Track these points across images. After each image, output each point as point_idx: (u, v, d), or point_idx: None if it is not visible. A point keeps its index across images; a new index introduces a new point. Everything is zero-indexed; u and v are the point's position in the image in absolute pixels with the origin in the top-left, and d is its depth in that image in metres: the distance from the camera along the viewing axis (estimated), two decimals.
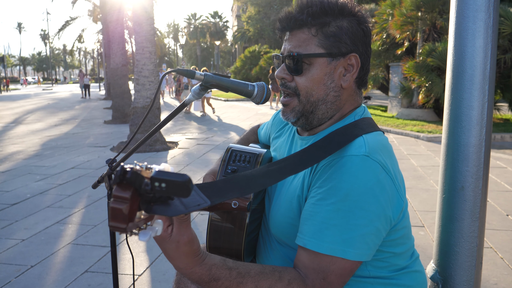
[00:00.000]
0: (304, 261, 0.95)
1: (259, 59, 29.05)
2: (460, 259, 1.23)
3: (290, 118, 1.11)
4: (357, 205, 0.92)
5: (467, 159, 1.17)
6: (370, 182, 0.94)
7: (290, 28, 1.08)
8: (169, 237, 0.82)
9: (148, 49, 7.56)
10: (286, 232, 1.08)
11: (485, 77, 1.13)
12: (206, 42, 73.05)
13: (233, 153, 1.19)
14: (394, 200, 0.99)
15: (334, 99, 1.09)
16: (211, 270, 0.88)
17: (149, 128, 7.86)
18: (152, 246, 3.46)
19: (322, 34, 1.04)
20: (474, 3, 1.10)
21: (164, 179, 0.56)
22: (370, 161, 0.95)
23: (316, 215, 0.95)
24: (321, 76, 1.06)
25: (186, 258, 0.85)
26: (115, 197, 0.58)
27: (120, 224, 0.60)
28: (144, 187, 0.59)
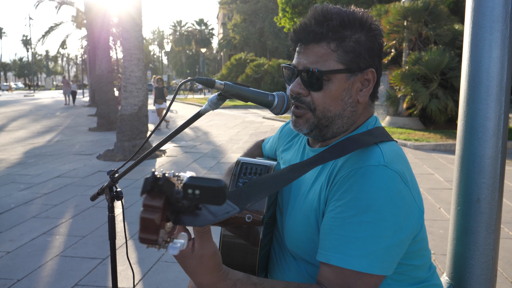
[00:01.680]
0: (329, 278, 0.91)
1: (245, 67, 29.12)
2: (475, 272, 1.20)
3: (303, 129, 1.07)
4: (380, 216, 0.89)
5: (483, 171, 1.16)
6: (391, 192, 0.91)
7: (307, 41, 1.03)
8: (191, 252, 0.79)
9: (136, 56, 7.47)
10: (303, 247, 1.04)
11: (502, 88, 1.12)
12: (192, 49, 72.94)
13: (243, 166, 1.15)
14: (414, 210, 0.96)
15: (350, 114, 1.06)
16: (235, 285, 0.85)
17: (137, 136, 7.75)
18: (144, 258, 3.38)
19: (342, 50, 1.01)
20: (491, 13, 1.09)
21: (199, 185, 0.52)
22: (389, 171, 0.92)
23: (338, 229, 0.92)
24: (339, 92, 1.03)
25: (210, 274, 0.82)
26: (146, 206, 0.54)
27: (151, 236, 0.54)
28: (175, 195, 0.55)
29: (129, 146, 7.66)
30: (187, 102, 27.65)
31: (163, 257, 3.39)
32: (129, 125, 7.66)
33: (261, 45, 63.67)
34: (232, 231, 1.10)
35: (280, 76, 26.41)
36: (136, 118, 7.68)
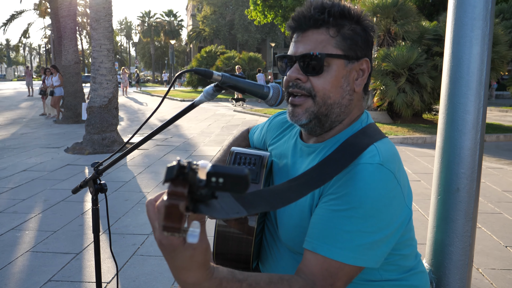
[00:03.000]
0: (312, 267, 0.94)
1: (216, 59, 28.88)
2: (454, 258, 1.27)
3: (302, 119, 1.07)
4: (370, 213, 0.93)
5: (463, 162, 1.21)
6: (383, 191, 0.94)
7: (307, 27, 1.05)
8: (183, 244, 0.71)
9: (105, 47, 7.28)
10: (297, 240, 1.07)
11: (481, 83, 1.17)
12: (160, 41, 71.65)
13: (237, 156, 1.16)
14: (403, 208, 1.00)
15: (348, 103, 1.09)
16: (221, 284, 0.81)
17: (107, 129, 7.58)
18: (119, 252, 3.33)
19: (340, 36, 1.04)
20: (473, 11, 1.14)
21: (222, 173, 0.52)
22: (384, 170, 0.96)
23: (328, 220, 0.95)
24: (339, 78, 1.05)
25: (198, 270, 0.75)
26: (171, 194, 0.53)
27: (175, 224, 0.54)
28: (198, 183, 0.55)
29: (99, 139, 7.48)
30: (156, 95, 27.20)
31: (138, 251, 3.35)
32: (98, 117, 7.47)
33: (231, 37, 63.27)
34: (227, 220, 1.11)
35: (250, 69, 26.36)
36: (106, 110, 7.51)
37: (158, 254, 3.29)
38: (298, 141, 1.20)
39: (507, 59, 10.78)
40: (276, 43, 62.52)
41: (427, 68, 10.60)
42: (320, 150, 1.10)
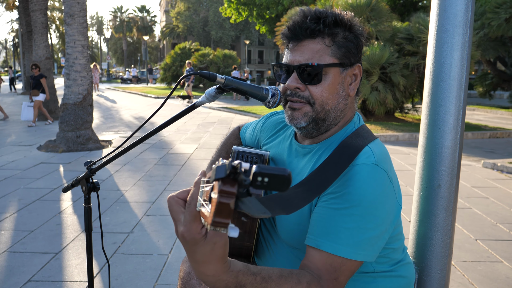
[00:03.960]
0: (316, 262, 0.99)
1: (190, 56, 28.63)
2: (435, 250, 1.35)
3: (301, 122, 1.13)
4: (368, 211, 1.00)
5: (444, 160, 1.29)
6: (379, 190, 1.01)
7: (302, 37, 1.09)
8: (203, 238, 0.76)
9: (80, 43, 7.14)
10: (297, 237, 1.12)
11: (461, 86, 1.25)
12: (133, 37, 70.41)
13: (239, 154, 1.20)
14: (395, 205, 1.08)
15: (343, 107, 1.15)
16: (238, 277, 0.85)
17: (81, 126, 7.44)
18: (100, 251, 3.30)
19: (335, 45, 1.09)
20: (454, 19, 1.21)
21: (268, 173, 0.55)
22: (379, 170, 1.03)
23: (330, 219, 1.01)
24: (335, 85, 1.11)
25: (216, 264, 0.79)
26: (222, 192, 0.56)
27: (224, 219, 0.58)
28: (243, 182, 0.58)
29: (73, 136, 7.34)
30: (129, 91, 26.77)
31: (119, 249, 3.34)
32: (72, 114, 7.33)
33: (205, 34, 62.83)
34: None
35: (225, 67, 26.31)
36: (81, 107, 7.37)
37: (140, 252, 3.28)
38: (293, 142, 1.25)
39: (475, 59, 11.19)
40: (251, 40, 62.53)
41: (399, 66, 10.88)
42: (316, 151, 1.16)
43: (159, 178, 5.57)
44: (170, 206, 0.78)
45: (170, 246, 3.43)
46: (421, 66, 10.75)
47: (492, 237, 3.78)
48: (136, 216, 4.11)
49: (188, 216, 0.73)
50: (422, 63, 10.56)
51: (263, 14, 28.35)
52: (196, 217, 0.73)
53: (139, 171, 5.95)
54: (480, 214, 4.39)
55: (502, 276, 3.06)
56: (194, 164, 6.54)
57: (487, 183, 5.76)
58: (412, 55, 11.13)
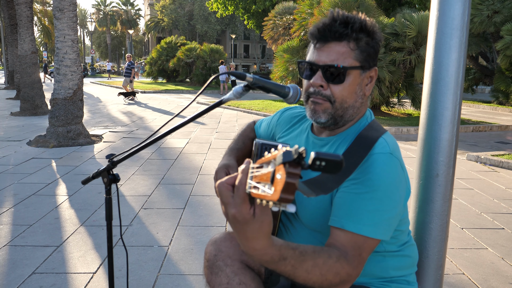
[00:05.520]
0: (342, 241, 1.11)
1: (176, 50, 28.48)
2: (433, 234, 1.48)
3: (321, 118, 1.24)
4: (385, 194, 1.12)
5: (442, 151, 1.42)
6: (395, 176, 1.14)
7: (330, 39, 1.20)
8: (252, 217, 0.85)
9: (70, 37, 7.10)
10: (318, 221, 1.23)
11: (458, 84, 1.38)
12: (117, 30, 69.47)
13: (262, 146, 1.29)
14: (406, 190, 1.21)
15: (359, 105, 1.27)
16: (280, 250, 0.95)
17: (72, 121, 7.43)
18: (100, 244, 3.38)
19: (359, 50, 1.20)
20: (452, 22, 1.33)
21: (325, 158, 0.64)
22: (393, 158, 1.16)
23: (352, 202, 1.13)
24: (354, 86, 1.23)
25: (264, 239, 0.89)
26: (290, 173, 0.65)
27: (289, 196, 0.66)
28: (304, 165, 0.66)
29: (64, 131, 7.32)
30: (115, 86, 26.54)
31: (120, 242, 3.41)
32: (63, 109, 7.30)
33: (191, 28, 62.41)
34: None
35: (212, 61, 26.23)
36: (71, 102, 7.35)
37: (140, 244, 3.36)
38: (310, 135, 1.36)
39: None
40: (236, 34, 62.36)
41: (386, 62, 11.07)
42: (333, 143, 1.27)
43: (153, 172, 5.63)
44: (220, 191, 0.87)
45: (170, 238, 3.51)
46: (407, 61, 10.95)
47: (477, 226, 3.97)
48: (133, 210, 4.18)
49: (238, 199, 0.83)
50: (408, 59, 10.76)
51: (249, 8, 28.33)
52: (245, 200, 0.83)
53: (132, 165, 6.00)
54: (465, 204, 4.59)
55: (487, 262, 3.24)
56: (187, 158, 6.61)
57: (471, 175, 5.98)
58: (398, 51, 11.34)
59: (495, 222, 4.09)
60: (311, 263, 1.01)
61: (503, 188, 5.38)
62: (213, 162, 6.32)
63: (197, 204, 4.40)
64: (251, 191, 0.78)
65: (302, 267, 0.99)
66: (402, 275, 1.28)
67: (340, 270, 1.04)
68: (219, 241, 1.32)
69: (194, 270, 2.95)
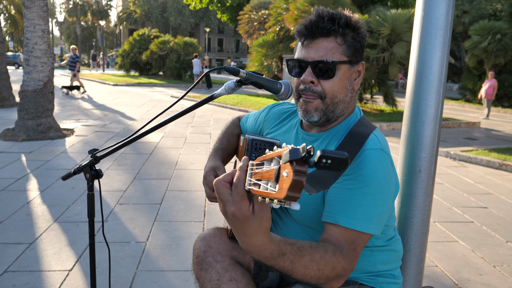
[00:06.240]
0: (336, 236, 1.12)
1: (149, 43, 27.96)
2: (415, 228, 1.52)
3: (314, 117, 1.25)
4: (377, 189, 1.14)
5: (424, 148, 1.45)
6: (385, 171, 1.16)
7: (318, 35, 1.21)
8: (252, 214, 0.85)
9: (40, 27, 6.86)
10: (309, 216, 1.24)
11: (441, 82, 1.41)
12: (87, 21, 67.62)
13: (253, 142, 1.29)
14: (395, 185, 1.23)
15: (349, 99, 1.28)
16: (279, 246, 0.95)
17: (42, 114, 7.20)
18: (76, 240, 3.30)
19: (346, 44, 1.21)
20: (437, 22, 1.36)
21: (330, 156, 0.63)
22: (384, 154, 1.18)
23: (346, 197, 1.14)
24: (344, 81, 1.24)
25: (263, 235, 0.89)
26: (297, 171, 0.64)
27: (296, 194, 0.66)
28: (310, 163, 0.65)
29: (33, 125, 7.09)
30: (85, 78, 25.86)
31: (95, 238, 3.33)
32: (33, 102, 7.07)
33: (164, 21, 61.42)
34: None
35: (186, 55, 25.92)
36: (41, 94, 7.11)
37: (117, 241, 3.31)
38: (300, 131, 1.36)
39: None
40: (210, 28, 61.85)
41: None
42: (323, 139, 1.28)
43: (128, 167, 5.53)
44: (218, 189, 0.86)
45: (147, 233, 3.47)
46: (380, 58, 11.15)
47: (448, 219, 4.10)
48: (109, 205, 4.10)
49: (237, 196, 0.82)
50: (382, 56, 10.96)
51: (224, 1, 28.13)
52: (244, 197, 0.83)
53: (106, 160, 5.87)
54: (437, 198, 4.73)
55: (458, 254, 3.36)
56: (162, 152, 6.53)
57: (442, 170, 6.16)
58: (372, 48, 11.52)
59: (465, 216, 4.24)
60: (308, 258, 1.01)
61: (472, 182, 5.57)
62: (188, 157, 6.27)
63: (174, 199, 4.35)
64: (251, 188, 0.78)
65: (300, 262, 1.00)
66: (388, 269, 1.31)
67: (337, 265, 1.05)
68: (208, 237, 1.32)
69: (173, 266, 2.93)
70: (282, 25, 13.32)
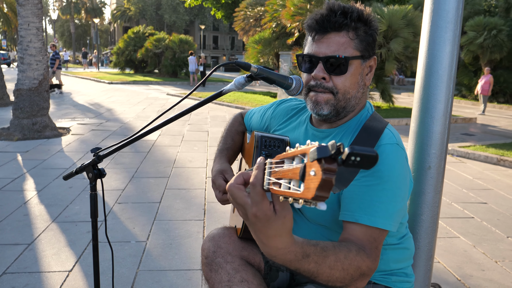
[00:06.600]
0: (358, 235, 1.09)
1: (144, 41, 27.78)
2: (424, 225, 1.49)
3: (324, 110, 1.21)
4: (396, 185, 1.11)
5: (434, 144, 1.43)
6: (402, 166, 1.13)
7: (329, 30, 1.17)
8: (274, 214, 0.80)
9: (35, 25, 6.78)
10: (323, 215, 1.20)
11: (451, 77, 1.38)
12: (81, 19, 67.16)
13: (262, 139, 1.25)
14: (410, 181, 1.21)
15: (361, 95, 1.25)
16: (303, 247, 0.90)
17: (37, 113, 7.12)
18: (74, 240, 3.26)
19: (358, 39, 1.18)
20: (447, 16, 1.33)
21: (360, 153, 0.59)
22: (399, 149, 1.15)
23: (364, 195, 1.10)
24: (356, 76, 1.20)
25: (287, 236, 0.84)
26: (326, 170, 0.61)
27: (325, 193, 0.62)
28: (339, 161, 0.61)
29: (29, 123, 7.02)
30: (80, 77, 25.70)
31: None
32: (28, 100, 6.99)
33: (158, 18, 61.09)
34: None
35: (181, 52, 25.80)
36: (37, 93, 7.04)
37: (117, 240, 3.27)
38: (309, 127, 1.33)
39: None
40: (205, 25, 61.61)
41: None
42: (335, 135, 1.25)
43: (126, 166, 5.49)
44: (233, 193, 0.82)
45: (147, 232, 3.43)
46: (377, 55, 11.13)
47: (449, 215, 4.10)
48: (107, 204, 4.06)
49: (256, 197, 0.78)
50: (379, 52, 10.94)
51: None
52: (264, 196, 0.79)
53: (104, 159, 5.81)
54: None
55: (460, 250, 3.35)
56: (159, 150, 6.48)
57: None
58: None
59: (465, 212, 4.24)
60: (333, 258, 0.97)
61: (471, 178, 5.58)
62: (187, 155, 6.23)
63: (173, 197, 4.32)
64: (270, 187, 0.74)
65: (325, 263, 0.95)
66: (401, 267, 1.28)
67: (361, 264, 1.02)
68: (217, 237, 1.28)
69: (174, 265, 2.90)
70: (278, 22, 13.27)
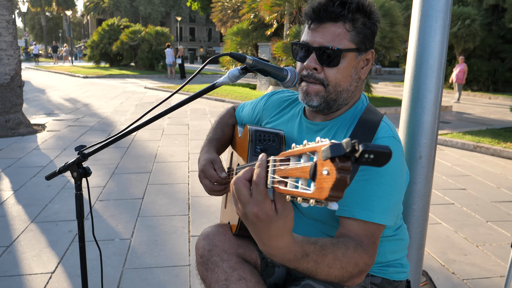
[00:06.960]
0: (355, 230, 1.07)
1: (119, 33, 27.21)
2: (416, 215, 1.50)
3: (313, 101, 1.18)
4: (392, 179, 1.09)
5: (425, 133, 1.43)
6: (399, 160, 1.12)
7: (325, 20, 1.13)
8: (275, 214, 0.78)
9: (4, 18, 6.52)
10: (321, 210, 1.18)
11: (441, 66, 1.38)
12: (52, 11, 65.23)
13: (256, 133, 1.22)
14: (407, 174, 1.20)
15: (354, 89, 1.22)
16: (303, 246, 0.89)
17: (10, 110, 6.89)
18: (56, 241, 3.17)
19: (355, 31, 1.14)
20: (437, 4, 1.33)
21: (374, 150, 0.57)
22: (396, 142, 1.14)
23: (361, 189, 1.09)
24: (349, 69, 1.17)
25: (288, 235, 0.83)
26: (340, 169, 0.58)
27: (339, 193, 0.60)
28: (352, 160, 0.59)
29: (1, 121, 6.78)
30: (54, 71, 25.02)
31: (76, 237, 3.22)
32: (0, 97, 6.75)
33: (133, 10, 59.92)
34: None
35: (158, 44, 25.40)
36: (9, 89, 6.80)
37: (100, 239, 3.20)
38: (303, 119, 1.30)
39: (404, 39, 11.86)
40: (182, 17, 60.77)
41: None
42: (330, 128, 1.22)
43: (105, 161, 5.37)
44: (238, 189, 0.79)
45: (131, 230, 3.37)
46: None
47: (431, 202, 4.17)
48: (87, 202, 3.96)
49: (259, 196, 0.75)
50: None
51: None
52: (267, 196, 0.76)
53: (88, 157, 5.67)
54: None
55: (442, 236, 3.41)
56: (140, 145, 6.38)
57: None
58: None
59: (445, 198, 4.32)
60: (331, 257, 0.96)
61: (449, 165, 5.69)
62: (168, 149, 6.14)
63: (156, 193, 4.25)
64: (275, 186, 0.71)
65: (324, 262, 0.94)
66: (396, 258, 1.28)
67: (359, 261, 1.01)
68: (212, 235, 1.25)
69: (161, 262, 2.85)
70: (256, 13, 13.18)
